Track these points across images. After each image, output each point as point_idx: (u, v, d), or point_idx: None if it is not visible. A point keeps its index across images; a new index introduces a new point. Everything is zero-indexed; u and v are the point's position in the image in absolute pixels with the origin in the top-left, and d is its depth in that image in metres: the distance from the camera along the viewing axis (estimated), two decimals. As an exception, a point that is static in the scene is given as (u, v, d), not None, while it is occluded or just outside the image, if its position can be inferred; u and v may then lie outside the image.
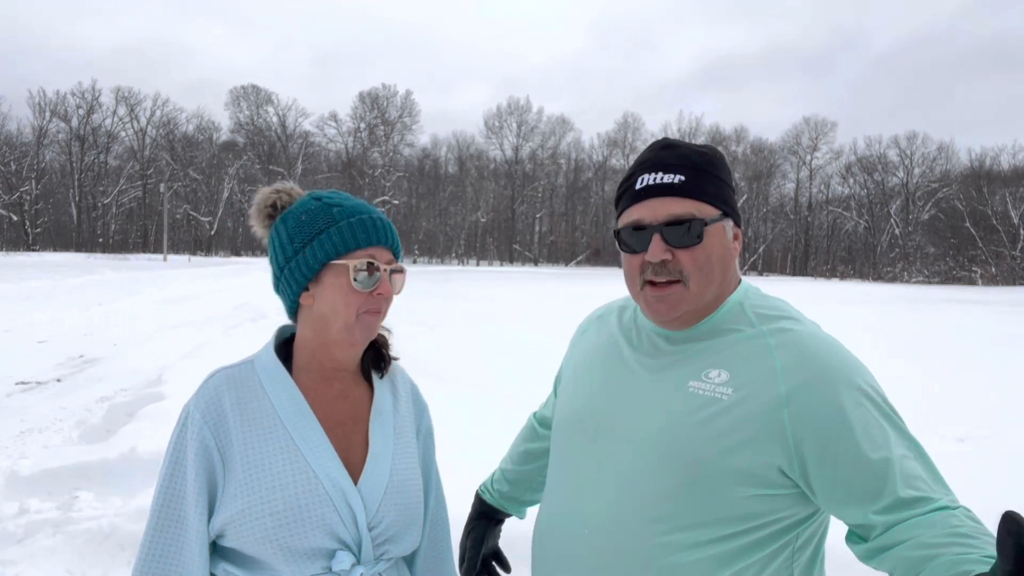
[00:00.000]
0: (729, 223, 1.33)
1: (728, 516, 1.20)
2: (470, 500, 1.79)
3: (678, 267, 1.27)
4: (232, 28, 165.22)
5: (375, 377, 1.46)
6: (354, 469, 1.33)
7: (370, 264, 1.33)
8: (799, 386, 1.18)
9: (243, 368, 1.37)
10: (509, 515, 1.77)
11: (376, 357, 1.48)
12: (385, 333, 1.50)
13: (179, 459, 1.29)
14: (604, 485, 1.30)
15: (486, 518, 1.74)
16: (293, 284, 1.37)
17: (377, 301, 1.34)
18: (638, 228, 1.30)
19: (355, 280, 1.32)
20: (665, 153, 1.33)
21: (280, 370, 1.36)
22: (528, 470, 1.72)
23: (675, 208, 1.27)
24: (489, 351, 10.58)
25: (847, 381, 1.18)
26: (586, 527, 1.30)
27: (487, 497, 1.76)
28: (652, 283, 1.29)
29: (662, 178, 1.29)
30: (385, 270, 1.34)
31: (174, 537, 1.26)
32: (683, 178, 1.29)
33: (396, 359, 1.53)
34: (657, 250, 1.27)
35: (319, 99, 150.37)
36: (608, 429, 1.34)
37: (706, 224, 1.28)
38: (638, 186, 1.32)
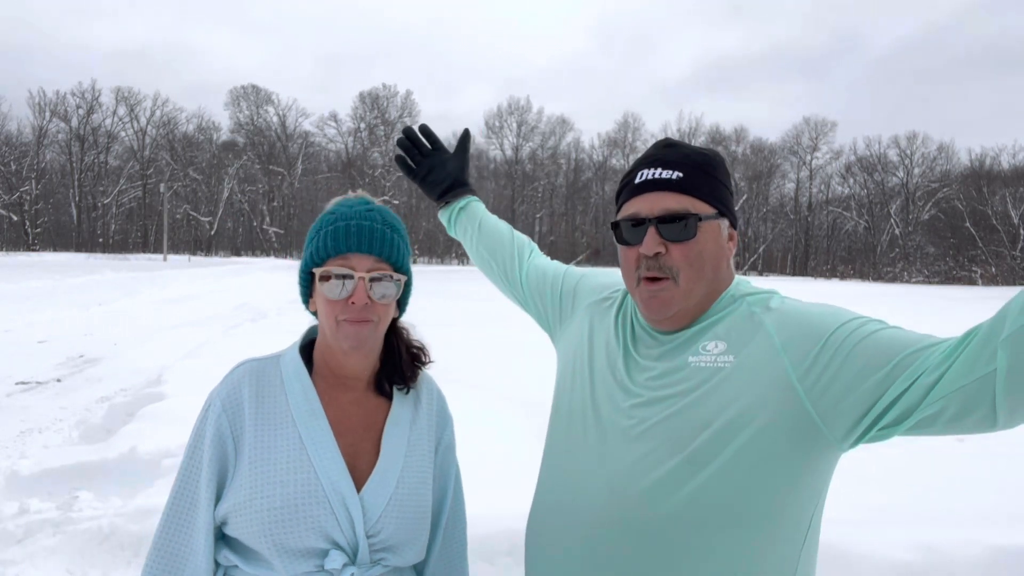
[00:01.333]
0: (725, 223, 1.37)
1: (735, 485, 1.20)
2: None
3: (670, 263, 1.30)
4: (240, 32, 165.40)
5: (396, 390, 1.46)
6: (360, 476, 1.33)
7: (338, 272, 1.32)
8: (793, 336, 1.23)
9: (268, 362, 1.40)
10: (450, 196, 1.95)
11: (396, 371, 1.45)
12: (419, 344, 1.50)
13: (198, 444, 1.33)
14: (606, 468, 1.29)
15: (451, 176, 1.95)
16: (301, 295, 1.42)
17: (353, 309, 1.32)
18: (635, 222, 1.33)
19: (321, 288, 1.33)
20: (666, 151, 1.37)
21: (301, 369, 1.38)
22: (488, 234, 1.88)
23: (671, 203, 1.31)
24: (489, 350, 10.59)
25: (837, 316, 1.23)
26: (593, 502, 1.29)
27: (466, 195, 1.95)
28: (647, 279, 1.32)
29: (660, 173, 1.33)
30: (362, 278, 1.32)
31: (186, 519, 1.31)
32: (681, 174, 1.32)
33: (427, 364, 1.51)
34: (651, 243, 1.30)
35: (325, 102, 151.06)
36: (608, 414, 1.34)
37: (700, 220, 1.31)
38: (637, 180, 1.36)
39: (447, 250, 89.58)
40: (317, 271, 1.34)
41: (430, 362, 1.51)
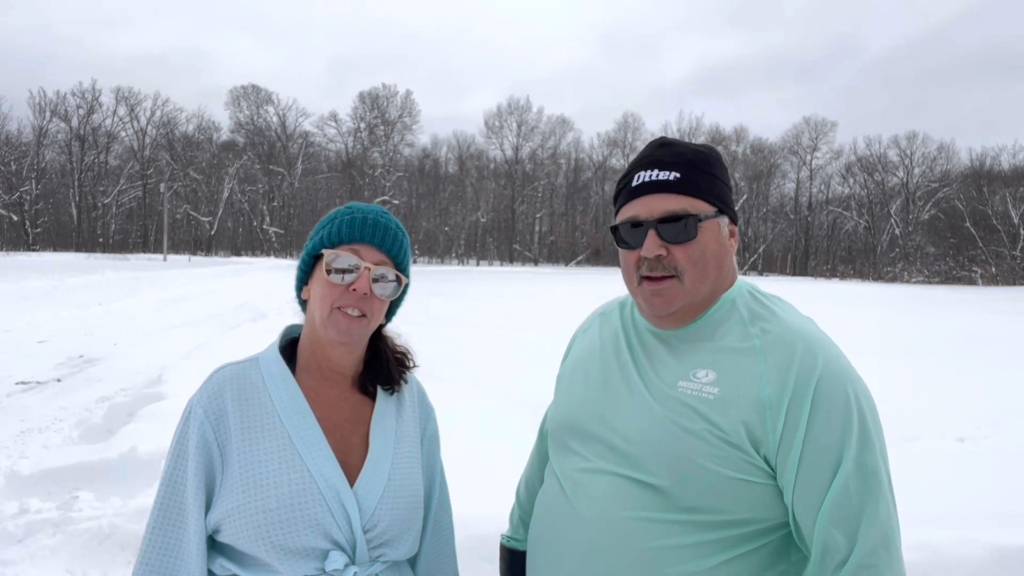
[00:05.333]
0: (725, 220, 1.35)
1: (721, 508, 1.22)
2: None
3: (673, 263, 1.29)
4: (256, 38, 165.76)
5: (381, 388, 1.46)
6: (352, 471, 1.33)
7: (346, 257, 1.34)
8: (783, 390, 1.20)
9: (247, 365, 1.39)
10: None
11: (380, 374, 1.46)
12: (403, 349, 1.51)
13: (181, 453, 1.31)
14: (599, 484, 1.31)
15: (522, 567, 1.55)
16: (297, 279, 1.43)
17: (353, 298, 1.33)
18: (634, 224, 1.32)
19: (327, 270, 1.34)
20: (662, 151, 1.35)
21: (282, 368, 1.37)
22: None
23: (670, 204, 1.30)
24: (490, 351, 10.58)
25: (831, 388, 1.20)
26: (583, 525, 1.31)
27: (517, 545, 1.64)
28: (648, 278, 1.31)
29: (658, 175, 1.32)
30: (368, 267, 1.34)
31: (174, 530, 1.28)
32: (678, 175, 1.31)
33: (411, 369, 1.52)
34: (652, 246, 1.29)
35: (335, 106, 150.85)
36: (600, 431, 1.34)
37: (700, 220, 1.29)
38: (635, 183, 1.34)
39: (447, 250, 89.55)
40: (326, 252, 1.35)
41: (415, 367, 1.52)
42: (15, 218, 73.35)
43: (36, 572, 3.60)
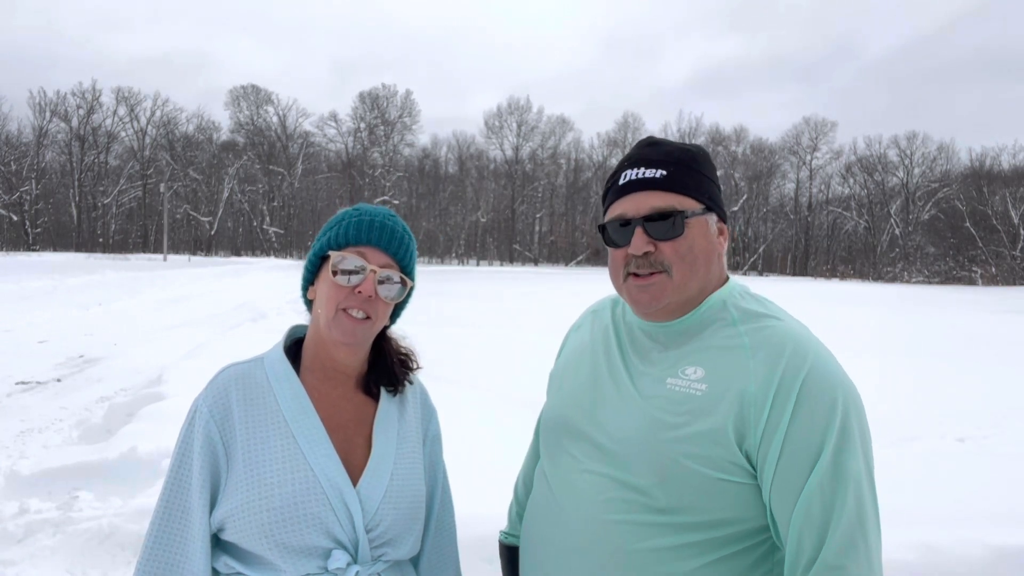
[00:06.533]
0: (713, 217, 1.35)
1: (702, 508, 1.21)
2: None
3: (660, 259, 1.29)
4: (261, 41, 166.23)
5: (384, 389, 1.47)
6: (355, 471, 1.34)
7: (352, 259, 1.35)
8: (769, 386, 1.20)
9: (252, 365, 1.40)
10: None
11: (384, 375, 1.47)
12: (407, 350, 1.52)
13: (186, 451, 1.32)
14: (584, 484, 1.31)
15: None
16: (303, 279, 1.44)
17: (358, 299, 1.34)
18: (622, 223, 1.33)
19: (333, 272, 1.35)
20: (648, 150, 1.36)
21: (287, 368, 1.39)
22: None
23: (656, 201, 1.30)
24: (490, 351, 10.58)
25: (817, 388, 1.19)
26: (568, 526, 1.31)
27: (515, 542, 1.60)
28: (635, 275, 1.32)
29: (644, 173, 1.33)
30: (374, 270, 1.35)
31: (179, 528, 1.29)
32: (664, 173, 1.32)
33: (415, 370, 1.53)
34: (639, 243, 1.30)
35: (334, 106, 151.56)
36: (588, 430, 1.35)
37: (687, 217, 1.30)
38: (621, 181, 1.35)
39: (447, 250, 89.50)
40: (333, 254, 1.36)
41: (419, 368, 1.53)
42: (15, 218, 73.31)
43: (36, 572, 3.60)
